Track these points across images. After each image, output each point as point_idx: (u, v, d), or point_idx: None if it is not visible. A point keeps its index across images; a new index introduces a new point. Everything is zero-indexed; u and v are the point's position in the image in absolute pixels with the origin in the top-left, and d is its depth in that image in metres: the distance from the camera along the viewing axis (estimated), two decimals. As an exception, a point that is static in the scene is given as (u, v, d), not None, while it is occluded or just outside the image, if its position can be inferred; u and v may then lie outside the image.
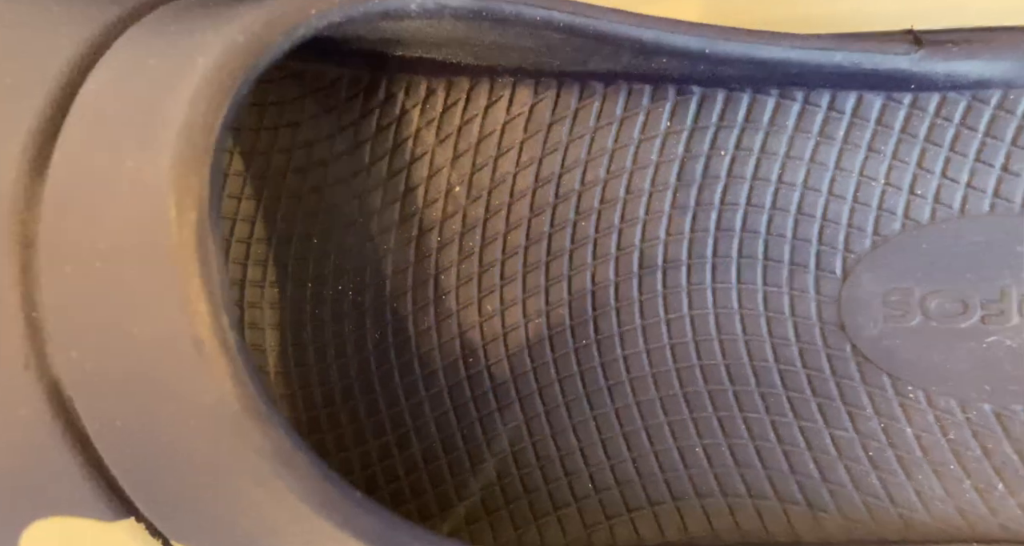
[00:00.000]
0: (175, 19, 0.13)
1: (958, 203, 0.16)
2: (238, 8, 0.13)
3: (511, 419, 0.17)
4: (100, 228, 0.11)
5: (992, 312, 0.16)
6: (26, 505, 0.13)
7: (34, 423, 0.12)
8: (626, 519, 0.16)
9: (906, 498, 0.15)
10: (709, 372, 0.16)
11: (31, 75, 0.13)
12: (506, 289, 0.17)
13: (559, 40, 0.15)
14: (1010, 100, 0.16)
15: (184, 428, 0.11)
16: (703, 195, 0.17)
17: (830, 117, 0.16)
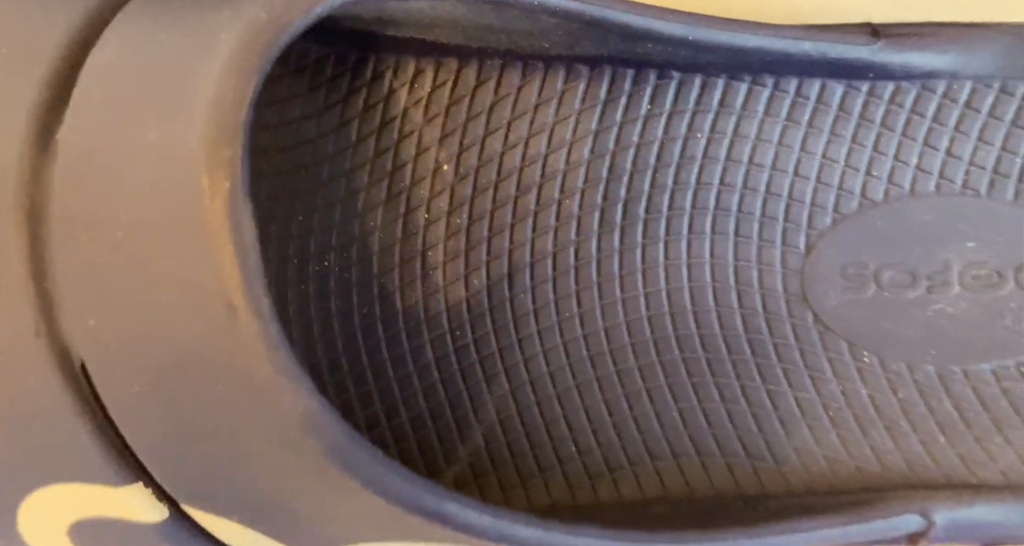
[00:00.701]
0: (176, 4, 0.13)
1: (908, 183, 0.18)
2: None
3: (497, 389, 0.18)
4: (120, 199, 0.11)
5: (936, 283, 0.17)
6: (28, 474, 0.13)
7: (43, 391, 0.12)
8: (608, 479, 0.17)
9: (862, 452, 0.17)
10: (684, 342, 0.18)
11: (28, 48, 0.13)
12: (492, 266, 0.18)
13: (552, 24, 0.15)
14: (954, 89, 0.17)
15: (209, 391, 0.11)
16: (680, 175, 0.18)
17: (797, 102, 0.17)
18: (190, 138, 0.10)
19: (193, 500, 0.13)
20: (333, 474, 0.11)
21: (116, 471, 0.13)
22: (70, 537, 0.14)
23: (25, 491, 0.13)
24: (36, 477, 0.13)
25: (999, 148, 0.17)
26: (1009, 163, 0.17)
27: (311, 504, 0.13)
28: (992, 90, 0.17)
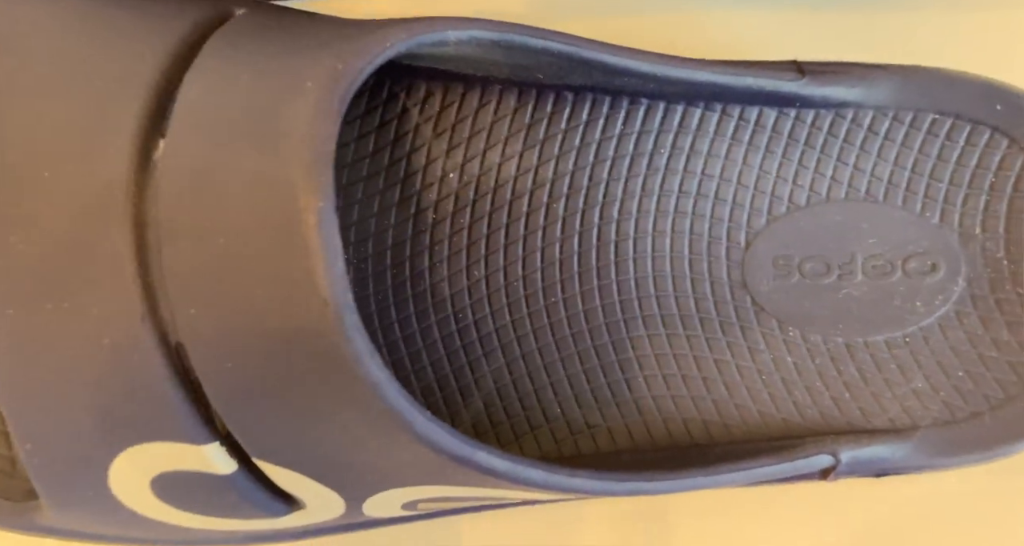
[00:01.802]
0: (255, 38, 0.16)
1: (824, 191, 0.22)
2: (318, 31, 0.16)
3: (494, 362, 0.22)
4: (222, 212, 0.14)
5: (845, 272, 0.22)
6: (123, 434, 0.16)
7: (143, 366, 0.15)
8: (587, 434, 0.21)
9: (787, 408, 0.21)
10: (648, 321, 0.22)
11: (126, 82, 0.15)
12: (490, 258, 0.21)
13: (548, 61, 0.19)
14: (860, 116, 0.22)
15: (295, 366, 0.14)
16: (647, 184, 0.21)
17: (740, 124, 0.21)
18: (289, 166, 0.13)
19: (264, 455, 0.16)
20: (393, 430, 0.15)
21: (200, 432, 0.16)
22: (152, 488, 0.17)
23: (119, 449, 0.16)
24: (130, 437, 0.16)
25: (892, 163, 0.22)
26: (899, 176, 0.22)
27: (368, 456, 0.16)
28: (887, 117, 0.22)
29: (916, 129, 0.21)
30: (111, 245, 0.14)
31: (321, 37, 0.15)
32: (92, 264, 0.14)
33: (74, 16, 0.15)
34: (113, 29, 0.15)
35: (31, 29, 0.15)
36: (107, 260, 0.14)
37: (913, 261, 0.22)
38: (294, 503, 0.18)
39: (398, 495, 0.17)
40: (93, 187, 0.14)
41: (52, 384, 0.15)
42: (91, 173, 0.14)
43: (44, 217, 0.15)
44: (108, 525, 0.18)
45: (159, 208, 0.14)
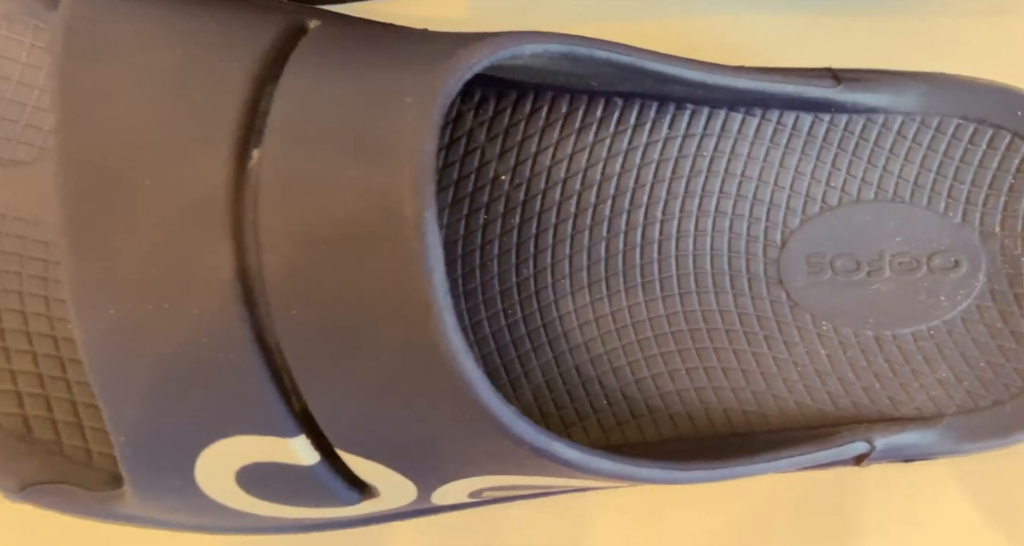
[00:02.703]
0: (339, 51, 0.17)
1: (855, 192, 0.23)
2: (401, 46, 0.17)
3: (543, 356, 0.23)
4: (323, 219, 0.15)
5: (874, 268, 0.23)
6: (214, 427, 0.17)
7: (240, 363, 0.16)
8: (633, 424, 0.22)
9: (821, 397, 0.23)
10: (689, 317, 0.23)
11: (219, 95, 0.16)
12: (539, 257, 0.22)
13: (607, 70, 0.19)
14: (889, 121, 0.23)
15: (392, 364, 0.15)
16: (690, 185, 0.22)
17: (777, 129, 0.23)
18: (394, 177, 0.14)
19: (350, 446, 0.17)
20: (481, 424, 0.16)
21: (289, 425, 0.17)
22: (236, 479, 0.18)
23: (209, 441, 0.17)
24: (221, 431, 0.17)
25: (918, 166, 0.23)
26: (925, 177, 0.23)
27: (451, 448, 0.17)
28: (915, 122, 0.23)
29: (941, 133, 0.23)
30: (211, 250, 0.15)
31: (407, 53, 0.16)
32: (192, 268, 0.15)
33: (168, 30, 0.16)
34: (203, 42, 0.16)
35: (130, 42, 0.16)
36: (207, 264, 0.15)
37: (937, 258, 0.23)
38: (367, 492, 0.19)
39: (469, 484, 0.18)
40: (193, 194, 0.15)
41: (150, 381, 0.16)
42: (190, 181, 0.15)
43: (146, 223, 0.15)
44: (186, 513, 0.19)
45: (258, 215, 0.15)
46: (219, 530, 0.20)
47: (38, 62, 0.19)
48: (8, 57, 0.19)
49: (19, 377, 0.19)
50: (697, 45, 0.24)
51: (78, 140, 0.15)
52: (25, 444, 0.19)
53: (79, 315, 0.16)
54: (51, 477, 0.19)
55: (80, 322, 0.16)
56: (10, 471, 0.18)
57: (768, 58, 0.25)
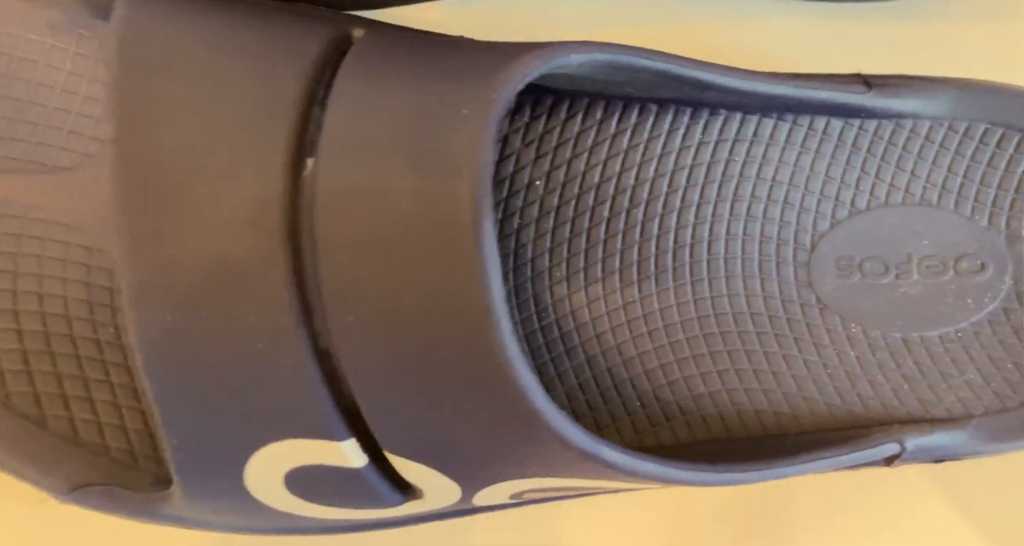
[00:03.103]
0: (390, 61, 0.17)
1: (883, 196, 0.24)
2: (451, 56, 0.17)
3: (576, 358, 0.23)
4: (379, 227, 0.15)
5: (902, 271, 0.24)
6: (266, 431, 0.17)
7: (294, 368, 0.16)
8: (666, 426, 0.23)
9: (851, 399, 0.23)
10: (721, 319, 0.23)
11: (273, 106, 0.16)
12: (572, 261, 0.23)
13: (646, 77, 0.20)
14: (918, 126, 0.23)
15: (446, 370, 0.16)
16: (722, 190, 0.23)
17: (808, 134, 0.23)
18: (453, 188, 0.14)
19: (400, 450, 0.17)
20: (533, 429, 0.16)
21: (340, 429, 0.17)
22: (285, 482, 0.18)
23: (261, 445, 0.17)
24: (273, 434, 0.17)
25: (946, 170, 0.24)
26: (952, 182, 0.24)
27: (499, 451, 0.17)
28: (943, 127, 0.23)
29: (969, 138, 0.23)
30: (266, 258, 0.15)
31: (460, 64, 0.16)
32: (248, 275, 0.16)
33: (220, 40, 0.16)
34: (255, 51, 0.16)
35: (184, 53, 0.16)
36: (263, 271, 0.15)
37: (964, 261, 0.23)
38: (410, 493, 0.19)
39: (513, 485, 0.18)
40: (248, 203, 0.15)
41: (204, 385, 0.16)
42: (246, 190, 0.15)
43: (202, 231, 0.16)
44: (232, 514, 0.19)
45: (314, 223, 0.15)
46: (261, 531, 0.20)
47: (82, 70, 0.20)
48: (53, 65, 0.19)
49: (64, 380, 0.20)
50: (724, 51, 0.25)
51: (135, 150, 0.15)
52: (72, 446, 0.19)
53: (136, 321, 0.16)
54: (98, 479, 0.19)
55: (137, 328, 0.16)
56: (58, 473, 0.19)
57: (794, 63, 0.25)
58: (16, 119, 0.19)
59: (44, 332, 0.19)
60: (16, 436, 0.19)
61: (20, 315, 0.19)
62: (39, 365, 0.19)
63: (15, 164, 0.19)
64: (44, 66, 0.19)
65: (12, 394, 0.19)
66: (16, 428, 0.19)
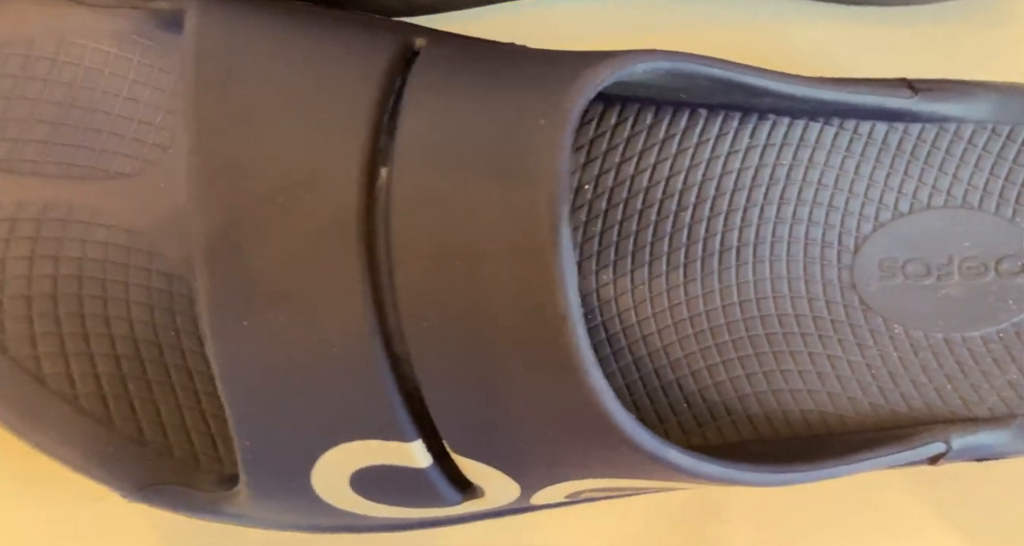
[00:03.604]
0: (459, 72, 0.17)
1: (926, 199, 0.24)
2: (521, 66, 0.17)
3: (622, 359, 0.23)
4: (457, 235, 0.16)
5: (943, 273, 0.24)
6: (337, 432, 0.17)
7: (368, 371, 0.17)
8: (713, 426, 0.23)
9: (895, 399, 0.23)
10: (766, 321, 0.23)
11: (347, 118, 0.17)
12: (619, 264, 0.23)
13: (702, 84, 0.20)
14: (961, 129, 0.24)
15: (521, 374, 0.16)
16: (769, 193, 0.23)
17: (854, 138, 0.23)
18: (533, 197, 0.15)
19: (467, 451, 0.18)
20: (604, 431, 0.16)
21: (409, 430, 0.17)
22: (350, 481, 0.19)
23: (330, 446, 0.18)
24: (343, 435, 0.17)
25: (987, 173, 0.24)
26: (994, 184, 0.24)
27: (566, 453, 0.18)
28: (986, 131, 0.24)
29: (1012, 141, 0.23)
30: (343, 264, 0.16)
31: (532, 74, 0.16)
32: (325, 281, 0.16)
33: (291, 51, 0.17)
34: (325, 61, 0.17)
35: (258, 64, 0.16)
36: (339, 277, 0.16)
37: (1005, 262, 0.24)
38: (470, 493, 0.19)
39: (572, 486, 0.19)
40: (325, 211, 0.16)
41: (279, 387, 0.17)
42: (322, 199, 0.16)
43: (280, 238, 0.16)
44: (296, 513, 0.20)
45: (390, 231, 0.15)
46: (319, 529, 0.21)
47: (144, 78, 0.20)
48: (117, 74, 0.20)
49: (129, 382, 0.20)
50: (769, 56, 0.25)
51: (212, 160, 0.16)
52: (138, 447, 0.20)
53: (212, 326, 0.16)
54: (164, 478, 0.19)
55: (213, 332, 0.16)
56: (127, 472, 0.19)
57: (836, 67, 0.25)
58: (82, 127, 0.19)
59: (108, 335, 0.20)
60: (85, 436, 0.19)
61: (86, 319, 0.20)
62: (105, 367, 0.20)
63: (81, 171, 0.20)
64: (109, 75, 0.20)
65: (81, 395, 0.19)
66: (85, 429, 0.19)
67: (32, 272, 0.19)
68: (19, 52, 0.19)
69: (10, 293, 0.19)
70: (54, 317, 0.19)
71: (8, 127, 0.19)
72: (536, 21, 0.25)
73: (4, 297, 0.19)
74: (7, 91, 0.19)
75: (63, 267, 0.19)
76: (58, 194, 0.19)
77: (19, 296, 0.19)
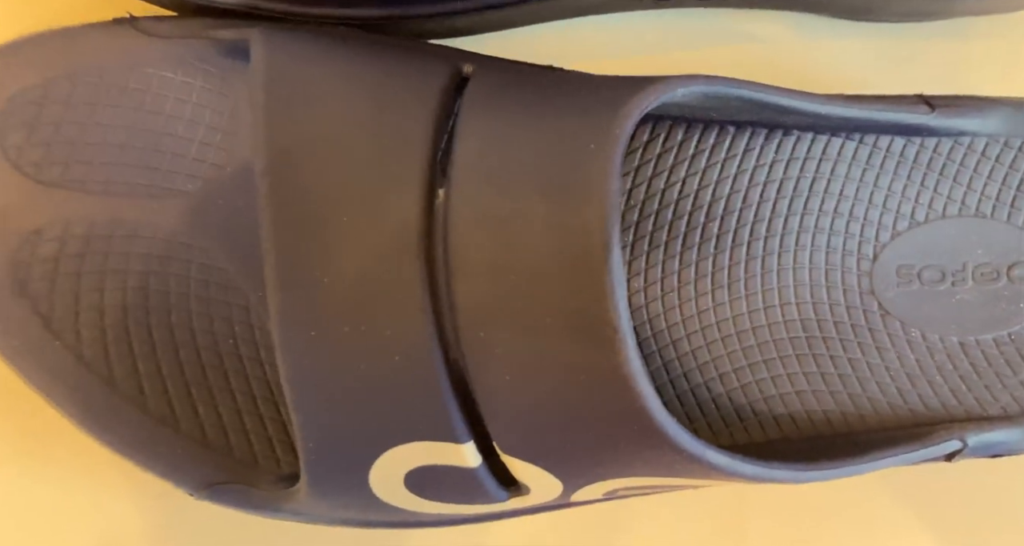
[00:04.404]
0: (509, 97, 0.18)
1: (941, 209, 0.25)
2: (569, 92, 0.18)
3: (653, 363, 0.24)
4: (511, 252, 0.17)
5: (958, 279, 0.25)
6: (395, 435, 0.19)
7: (427, 378, 0.18)
8: (740, 427, 0.24)
9: (913, 399, 0.25)
10: (790, 326, 0.25)
11: (407, 142, 0.18)
12: (649, 272, 0.24)
13: (733, 104, 0.21)
14: (975, 142, 0.25)
15: (571, 381, 0.17)
16: (793, 205, 0.24)
17: (873, 152, 0.24)
18: (585, 217, 0.16)
19: (517, 452, 0.19)
20: (649, 435, 0.18)
21: (463, 433, 0.19)
22: (404, 480, 0.20)
23: (388, 447, 0.19)
24: (400, 437, 0.19)
25: (1000, 183, 0.25)
26: (1006, 194, 0.25)
27: (611, 455, 0.19)
28: (999, 144, 0.25)
29: (1023, 153, 0.24)
30: (405, 279, 0.17)
31: (581, 99, 0.17)
32: (387, 294, 0.17)
33: (353, 79, 0.18)
34: (384, 87, 0.18)
35: (323, 91, 0.18)
36: (401, 291, 0.17)
37: (1016, 269, 0.25)
38: (515, 490, 0.21)
39: (611, 484, 0.20)
40: (388, 230, 0.17)
41: (343, 393, 0.18)
42: (385, 218, 0.17)
43: (344, 254, 0.17)
44: (352, 510, 0.21)
45: (448, 247, 0.17)
46: (371, 525, 0.22)
47: (205, 102, 0.21)
48: (180, 99, 0.21)
49: (192, 387, 0.21)
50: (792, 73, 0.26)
51: (283, 182, 0.17)
52: (202, 448, 0.21)
53: (281, 336, 0.17)
54: (226, 478, 0.21)
55: (282, 342, 0.18)
56: (192, 472, 0.21)
57: (853, 82, 0.27)
58: (148, 149, 0.21)
59: (172, 342, 0.21)
60: (153, 438, 0.20)
61: (152, 328, 0.21)
62: (170, 373, 0.21)
63: (146, 190, 0.21)
64: (173, 100, 0.21)
65: (148, 399, 0.21)
66: (153, 430, 0.20)
67: (104, 285, 0.20)
68: (92, 80, 0.20)
69: (84, 305, 0.20)
70: (123, 327, 0.20)
71: (84, 150, 0.20)
72: (564, 41, 0.26)
73: (80, 308, 0.20)
74: (83, 117, 0.20)
75: (131, 280, 0.21)
76: (125, 212, 0.20)
77: (92, 308, 0.20)
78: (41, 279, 0.20)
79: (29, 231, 0.19)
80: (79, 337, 0.20)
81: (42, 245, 0.20)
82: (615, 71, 0.24)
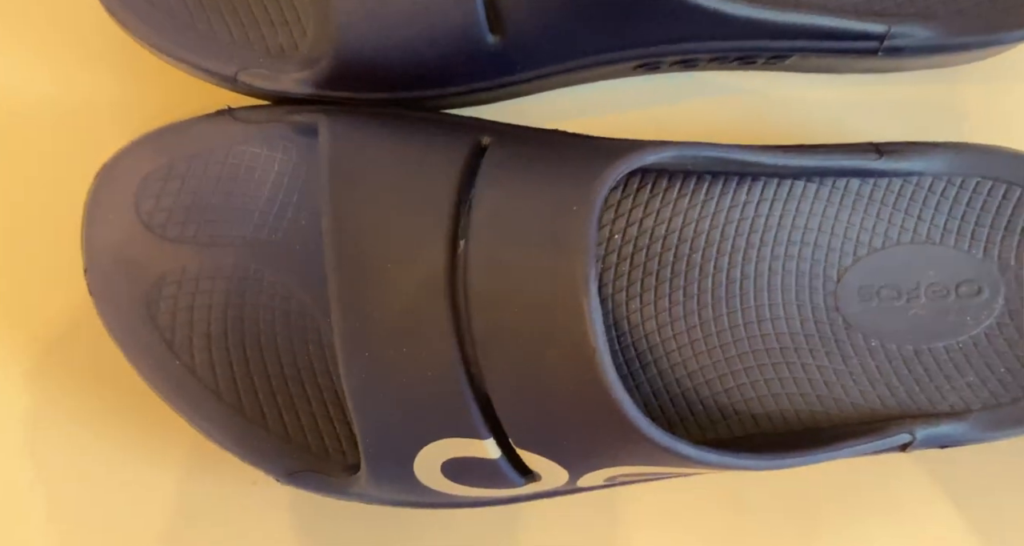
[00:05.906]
0: (517, 166, 0.24)
1: (896, 236, 0.29)
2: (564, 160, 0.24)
3: (649, 372, 0.29)
4: (516, 292, 0.22)
5: (912, 296, 0.29)
6: (431, 432, 0.24)
7: (455, 389, 0.23)
8: (723, 424, 0.29)
9: (873, 400, 0.29)
10: (766, 339, 0.29)
11: (434, 199, 0.23)
12: (644, 295, 0.29)
13: (704, 161, 0.26)
14: (922, 180, 0.29)
15: (566, 391, 0.22)
16: (764, 237, 0.29)
17: (833, 190, 0.29)
18: (570, 264, 0.21)
19: (528, 446, 0.24)
20: (628, 432, 0.23)
21: (483, 431, 0.24)
22: (441, 469, 0.26)
23: (427, 442, 0.24)
24: (436, 435, 0.24)
25: (946, 214, 0.29)
26: (952, 223, 0.29)
27: (602, 448, 0.24)
28: (943, 181, 0.29)
29: (965, 189, 0.29)
30: (435, 311, 0.22)
31: (571, 167, 0.23)
32: (422, 325, 0.23)
33: (395, 152, 0.24)
34: (418, 159, 0.24)
35: (373, 163, 0.23)
36: (432, 322, 0.23)
37: (964, 287, 0.29)
38: (530, 477, 0.26)
39: (608, 471, 0.25)
40: (421, 274, 0.23)
41: (391, 400, 0.24)
42: (419, 265, 0.23)
43: (389, 293, 0.23)
44: (402, 493, 0.27)
45: (467, 288, 0.22)
46: (420, 505, 0.28)
47: (284, 169, 0.27)
48: (267, 168, 0.27)
49: (278, 395, 0.27)
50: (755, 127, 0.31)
51: (342, 234, 0.23)
52: (285, 443, 0.27)
53: (343, 354, 0.23)
54: (305, 467, 0.27)
55: (344, 359, 0.23)
56: (278, 463, 0.26)
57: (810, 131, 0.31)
58: (243, 208, 0.27)
59: (262, 360, 0.27)
60: (249, 435, 0.26)
61: (247, 349, 0.27)
62: (261, 384, 0.27)
63: (243, 239, 0.27)
64: (261, 169, 0.27)
65: (244, 405, 0.27)
66: (248, 430, 0.26)
67: (211, 317, 0.27)
68: (202, 158, 0.26)
69: (197, 332, 0.26)
70: (225, 348, 0.27)
71: (196, 213, 0.26)
72: (568, 103, 0.31)
73: (193, 335, 0.26)
74: (196, 188, 0.26)
75: (231, 312, 0.27)
76: (227, 257, 0.26)
77: (203, 334, 0.26)
78: (165, 313, 0.26)
79: (157, 276, 0.26)
80: (193, 357, 0.26)
81: (166, 287, 0.26)
82: (611, 125, 0.30)
